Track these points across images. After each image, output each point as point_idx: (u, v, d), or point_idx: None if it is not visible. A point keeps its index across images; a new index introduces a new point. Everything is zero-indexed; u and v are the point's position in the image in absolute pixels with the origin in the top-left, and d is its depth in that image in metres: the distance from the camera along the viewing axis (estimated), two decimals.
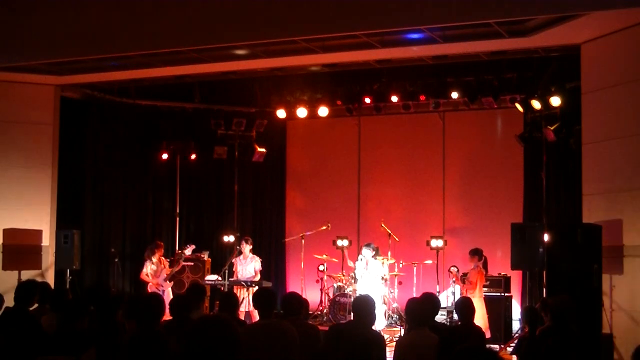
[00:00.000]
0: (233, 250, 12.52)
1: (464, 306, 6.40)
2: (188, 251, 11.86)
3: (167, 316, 5.74)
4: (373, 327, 5.96)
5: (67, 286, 11.41)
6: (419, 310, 5.72)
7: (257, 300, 5.85)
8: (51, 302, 6.54)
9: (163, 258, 11.55)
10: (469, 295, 10.22)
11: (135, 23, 9.61)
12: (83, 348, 4.94)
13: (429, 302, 6.05)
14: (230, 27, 9.36)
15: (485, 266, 10.92)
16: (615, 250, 9.07)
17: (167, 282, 11.30)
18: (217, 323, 3.13)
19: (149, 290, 11.25)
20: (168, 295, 10.95)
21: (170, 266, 11.45)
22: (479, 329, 6.43)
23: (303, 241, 13.14)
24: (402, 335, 6.25)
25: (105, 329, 5.39)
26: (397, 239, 12.81)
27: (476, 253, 10.79)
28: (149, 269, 11.27)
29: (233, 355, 3.06)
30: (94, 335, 5.22)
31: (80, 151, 13.46)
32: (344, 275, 12.55)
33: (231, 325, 3.14)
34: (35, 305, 6.68)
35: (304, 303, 6.49)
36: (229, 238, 13.69)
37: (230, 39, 9.73)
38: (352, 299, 10.69)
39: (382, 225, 12.83)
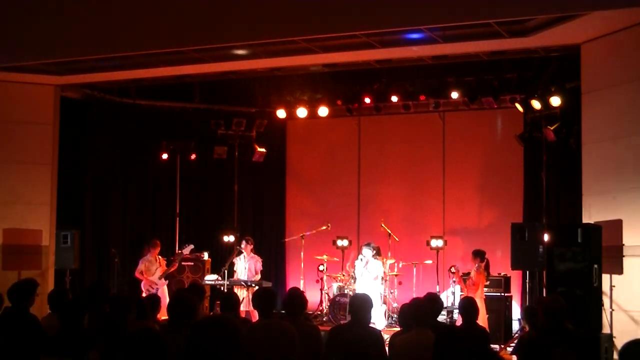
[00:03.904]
0: (233, 250, 12.52)
1: (468, 306, 6.38)
2: (186, 251, 11.87)
3: (164, 315, 5.75)
4: (371, 325, 5.95)
5: (67, 286, 11.41)
6: (422, 310, 5.70)
7: (257, 300, 5.84)
8: (50, 302, 6.53)
9: (160, 257, 11.57)
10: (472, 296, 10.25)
11: (135, 23, 9.60)
12: (86, 349, 4.92)
13: (433, 302, 6.05)
14: (230, 27, 9.36)
15: (487, 268, 10.90)
16: (615, 250, 9.06)
17: (162, 280, 11.32)
18: (220, 323, 3.14)
19: (142, 288, 11.29)
20: (162, 294, 10.99)
21: (167, 265, 11.48)
22: (482, 329, 6.42)
23: (303, 241, 13.13)
24: (398, 333, 6.21)
25: (110, 330, 5.38)
26: (397, 239, 12.81)
27: (478, 254, 10.77)
28: (142, 266, 11.35)
29: (235, 356, 3.06)
30: (97, 336, 5.20)
31: (80, 151, 13.46)
32: (344, 275, 12.55)
33: (234, 325, 3.14)
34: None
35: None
36: (229, 238, 13.68)
37: (230, 39, 9.72)
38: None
39: (382, 225, 12.83)
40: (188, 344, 3.12)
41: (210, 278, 12.12)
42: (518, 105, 11.82)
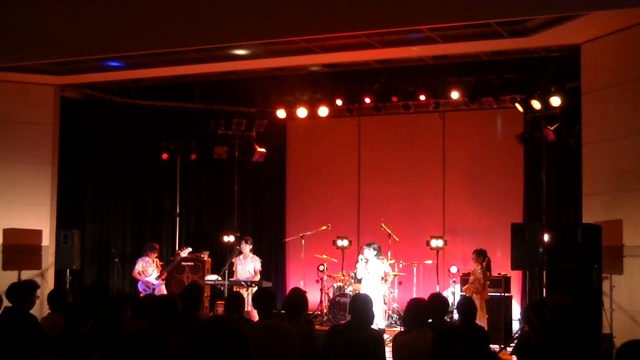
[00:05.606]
0: (233, 250, 12.52)
1: (466, 306, 6.38)
2: (184, 253, 11.87)
3: None
4: (373, 326, 5.94)
5: (67, 286, 11.42)
6: (422, 310, 5.69)
7: (257, 300, 5.85)
8: (50, 303, 6.53)
9: (157, 260, 11.57)
10: (476, 296, 10.26)
11: (135, 23, 9.60)
12: (87, 351, 4.92)
13: (435, 303, 6.04)
14: (230, 27, 9.36)
15: (488, 267, 10.91)
16: (615, 250, 9.07)
17: (159, 281, 11.33)
18: (225, 323, 3.14)
19: (139, 289, 11.29)
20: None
21: (163, 268, 11.48)
22: (482, 329, 6.41)
23: (303, 241, 13.13)
24: (400, 333, 6.21)
25: (110, 330, 5.38)
26: (397, 239, 12.81)
27: (480, 254, 10.78)
28: (140, 266, 11.35)
29: (240, 356, 3.06)
30: (98, 338, 5.20)
31: (81, 151, 13.46)
32: (344, 275, 12.55)
33: (239, 325, 3.14)
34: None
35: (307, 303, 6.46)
36: (229, 238, 13.68)
37: (230, 39, 9.72)
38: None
39: (382, 225, 12.82)
40: (193, 346, 3.12)
41: (210, 278, 12.12)
42: (518, 105, 11.82)
